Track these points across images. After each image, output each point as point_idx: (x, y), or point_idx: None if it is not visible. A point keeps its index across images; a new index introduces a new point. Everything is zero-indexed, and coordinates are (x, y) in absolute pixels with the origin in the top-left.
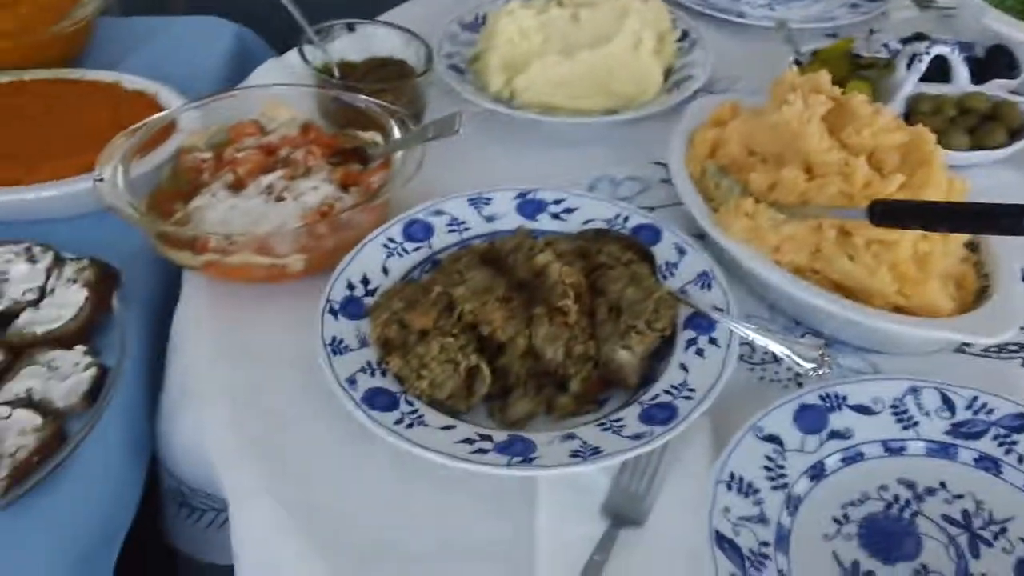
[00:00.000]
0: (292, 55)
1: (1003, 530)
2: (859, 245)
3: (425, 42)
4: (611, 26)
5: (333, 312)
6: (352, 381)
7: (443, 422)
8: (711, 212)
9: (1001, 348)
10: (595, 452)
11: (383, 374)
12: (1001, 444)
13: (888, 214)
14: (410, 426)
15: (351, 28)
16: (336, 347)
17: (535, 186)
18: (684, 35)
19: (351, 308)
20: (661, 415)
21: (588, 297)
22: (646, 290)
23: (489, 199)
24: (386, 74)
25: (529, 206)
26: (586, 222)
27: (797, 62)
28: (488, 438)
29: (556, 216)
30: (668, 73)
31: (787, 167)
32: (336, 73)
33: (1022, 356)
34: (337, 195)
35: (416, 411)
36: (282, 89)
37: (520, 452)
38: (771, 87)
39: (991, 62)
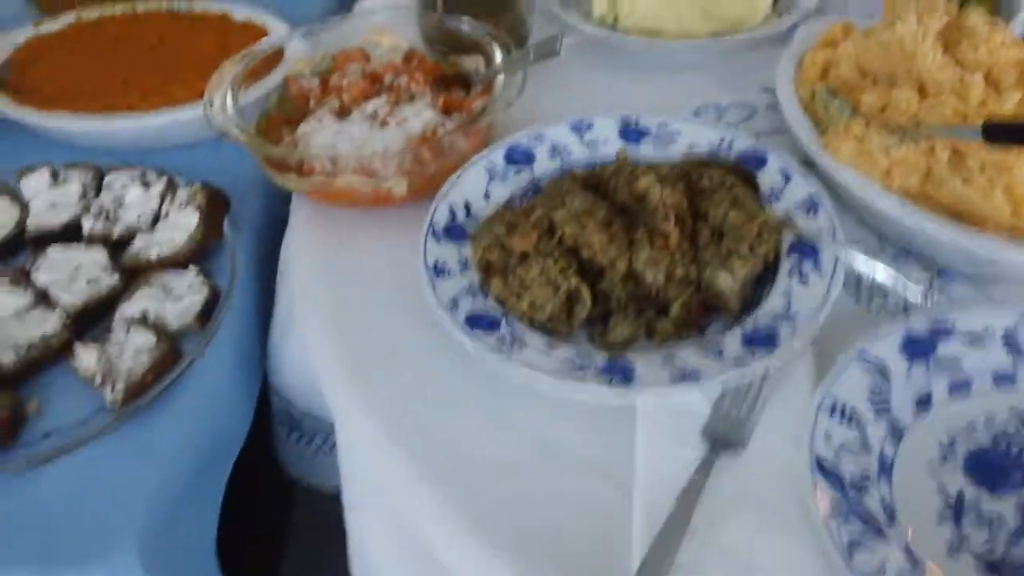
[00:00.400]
0: None
1: None
2: (973, 167)
3: None
4: None
5: (436, 236)
6: (454, 303)
7: (543, 344)
8: (819, 136)
9: None
10: (695, 375)
11: (484, 297)
12: None
13: (1004, 132)
14: (510, 347)
15: None
16: (438, 270)
17: (637, 112)
18: None
19: (453, 232)
20: (763, 341)
21: (690, 221)
22: (749, 214)
23: (591, 125)
24: (489, 0)
25: (632, 132)
26: (690, 148)
27: None
28: (588, 360)
29: (659, 142)
30: None
31: (899, 87)
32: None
33: None
34: (440, 121)
35: (516, 333)
36: (386, 17)
37: (620, 374)
38: (885, 3)
39: None
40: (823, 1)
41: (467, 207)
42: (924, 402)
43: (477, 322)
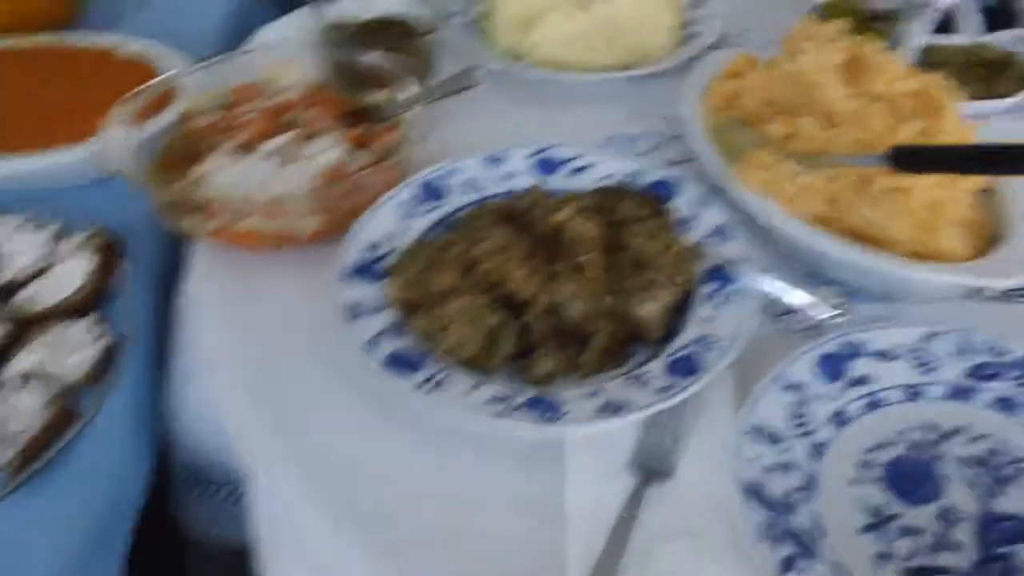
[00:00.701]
0: (297, 15)
1: None
2: (877, 193)
3: None
4: None
5: (349, 275)
6: (373, 344)
7: (468, 383)
8: (727, 165)
9: (1016, 292)
10: (622, 407)
11: (404, 336)
12: (1019, 385)
13: (910, 159)
14: (434, 388)
15: None
16: (354, 311)
17: (550, 143)
18: None
19: (368, 271)
20: (686, 367)
21: (608, 252)
22: (666, 244)
23: (504, 158)
24: (394, 33)
25: (545, 164)
26: (602, 179)
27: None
28: (513, 397)
29: (572, 173)
30: (681, 28)
31: (804, 117)
32: (343, 33)
33: None
34: (349, 157)
35: (440, 372)
36: (288, 50)
37: (547, 410)
38: (785, 37)
39: (1006, 12)
40: (723, 35)
41: (381, 245)
42: (841, 419)
43: (398, 363)
